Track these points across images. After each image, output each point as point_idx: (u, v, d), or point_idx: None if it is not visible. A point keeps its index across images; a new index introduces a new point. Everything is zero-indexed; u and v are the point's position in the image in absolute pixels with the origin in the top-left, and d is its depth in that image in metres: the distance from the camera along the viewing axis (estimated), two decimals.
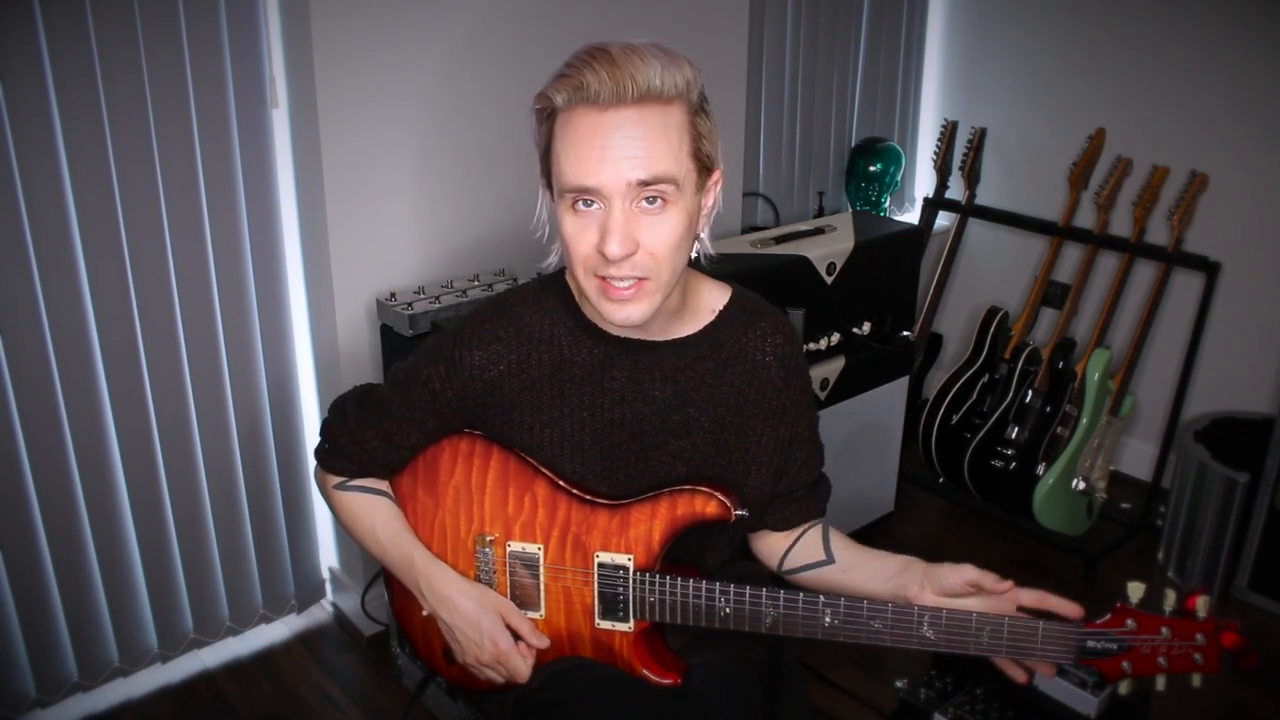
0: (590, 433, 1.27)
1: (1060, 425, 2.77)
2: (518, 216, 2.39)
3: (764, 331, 1.31)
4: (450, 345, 1.27)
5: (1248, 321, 2.91)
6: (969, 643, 1.17)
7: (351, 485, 1.36)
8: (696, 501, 1.24)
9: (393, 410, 1.31)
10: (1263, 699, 2.30)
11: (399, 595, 1.42)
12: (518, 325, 1.26)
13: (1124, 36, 3.01)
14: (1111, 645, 1.15)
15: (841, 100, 3.31)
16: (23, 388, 1.95)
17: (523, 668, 1.28)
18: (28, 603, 2.07)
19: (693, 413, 1.28)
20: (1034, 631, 1.16)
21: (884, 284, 2.66)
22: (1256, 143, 2.81)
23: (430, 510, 1.34)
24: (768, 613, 1.22)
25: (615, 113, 1.08)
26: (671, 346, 1.27)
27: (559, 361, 1.26)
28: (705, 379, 1.28)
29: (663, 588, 1.25)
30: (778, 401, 1.32)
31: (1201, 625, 1.13)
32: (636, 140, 1.08)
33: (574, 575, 1.29)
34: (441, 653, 1.39)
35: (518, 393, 1.27)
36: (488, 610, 1.28)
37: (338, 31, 2.02)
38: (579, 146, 1.09)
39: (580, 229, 1.12)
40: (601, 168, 1.08)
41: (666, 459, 1.29)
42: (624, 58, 1.07)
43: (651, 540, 1.25)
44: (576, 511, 1.28)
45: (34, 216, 1.87)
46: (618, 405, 1.27)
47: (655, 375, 1.27)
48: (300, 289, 2.30)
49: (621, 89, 1.07)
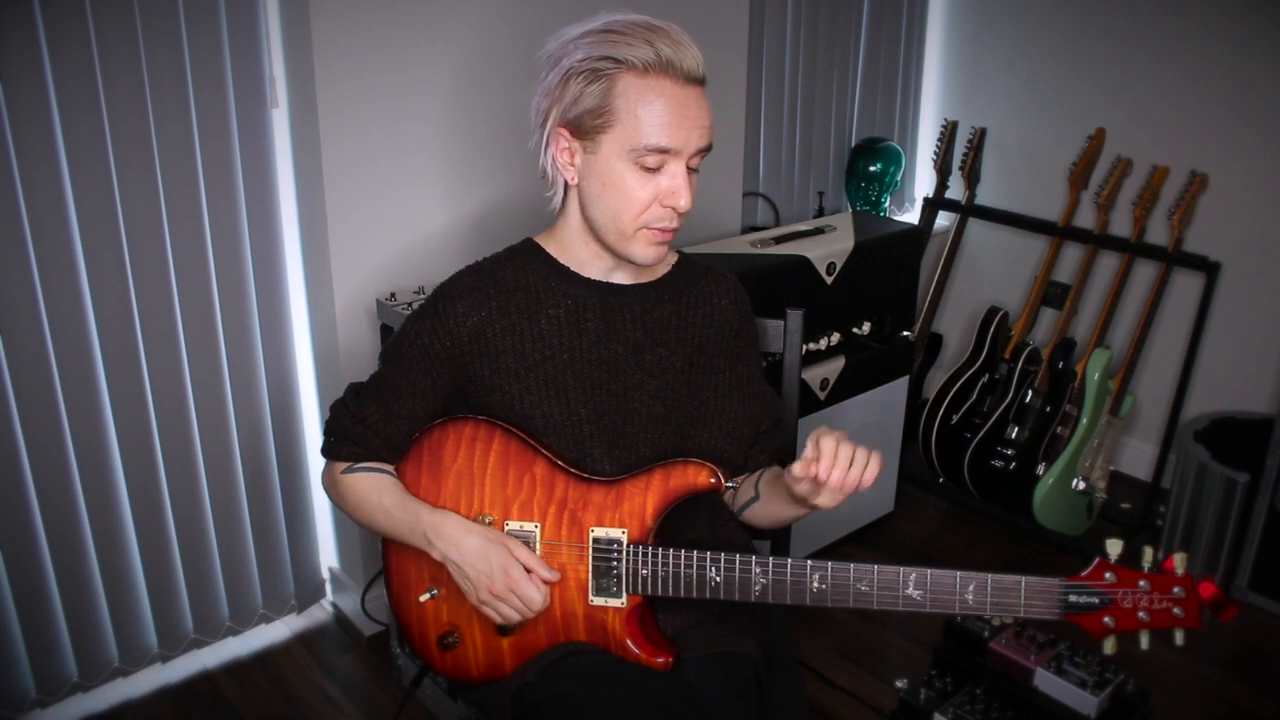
0: (573, 373, 1.35)
1: (1060, 425, 2.77)
2: (518, 216, 2.39)
3: (717, 280, 1.48)
4: (433, 301, 1.37)
5: (1248, 321, 2.91)
6: (954, 601, 1.22)
7: (357, 468, 1.41)
8: (689, 472, 1.30)
9: (387, 381, 1.39)
10: (1264, 699, 2.30)
11: (396, 583, 1.44)
12: (494, 277, 1.37)
13: (1124, 36, 3.02)
14: (1094, 599, 1.19)
15: (841, 100, 3.32)
16: (23, 388, 1.95)
17: (535, 595, 1.29)
18: (28, 603, 2.07)
19: (664, 353, 1.40)
20: (1016, 587, 1.21)
21: (884, 284, 2.66)
22: (1256, 143, 2.81)
23: (433, 494, 1.38)
24: (757, 580, 1.27)
25: (692, 88, 1.26)
26: (638, 290, 1.40)
27: (535, 305, 1.36)
28: (670, 321, 1.41)
29: (654, 559, 1.29)
30: (735, 341, 1.47)
31: (1180, 579, 1.17)
32: (705, 114, 1.28)
33: (569, 551, 1.32)
34: (436, 642, 1.41)
35: (501, 338, 1.35)
36: (495, 543, 1.31)
37: (338, 31, 2.02)
38: (665, 112, 1.24)
39: (642, 183, 1.27)
40: (683, 133, 1.25)
41: (646, 399, 1.38)
42: (683, 39, 1.25)
43: (645, 514, 1.30)
44: (573, 489, 1.33)
45: (34, 216, 1.87)
46: (595, 346, 1.37)
47: (626, 316, 1.38)
48: (300, 289, 2.30)
49: (694, 67, 1.26)
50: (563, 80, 1.27)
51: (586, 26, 1.28)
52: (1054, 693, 2.01)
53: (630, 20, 1.26)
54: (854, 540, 2.85)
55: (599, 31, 1.26)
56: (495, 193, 2.36)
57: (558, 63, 1.28)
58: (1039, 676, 2.03)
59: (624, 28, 1.25)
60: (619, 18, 1.27)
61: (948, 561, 2.80)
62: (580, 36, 1.27)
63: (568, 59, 1.26)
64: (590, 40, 1.25)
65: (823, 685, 2.31)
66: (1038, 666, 2.03)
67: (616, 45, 1.24)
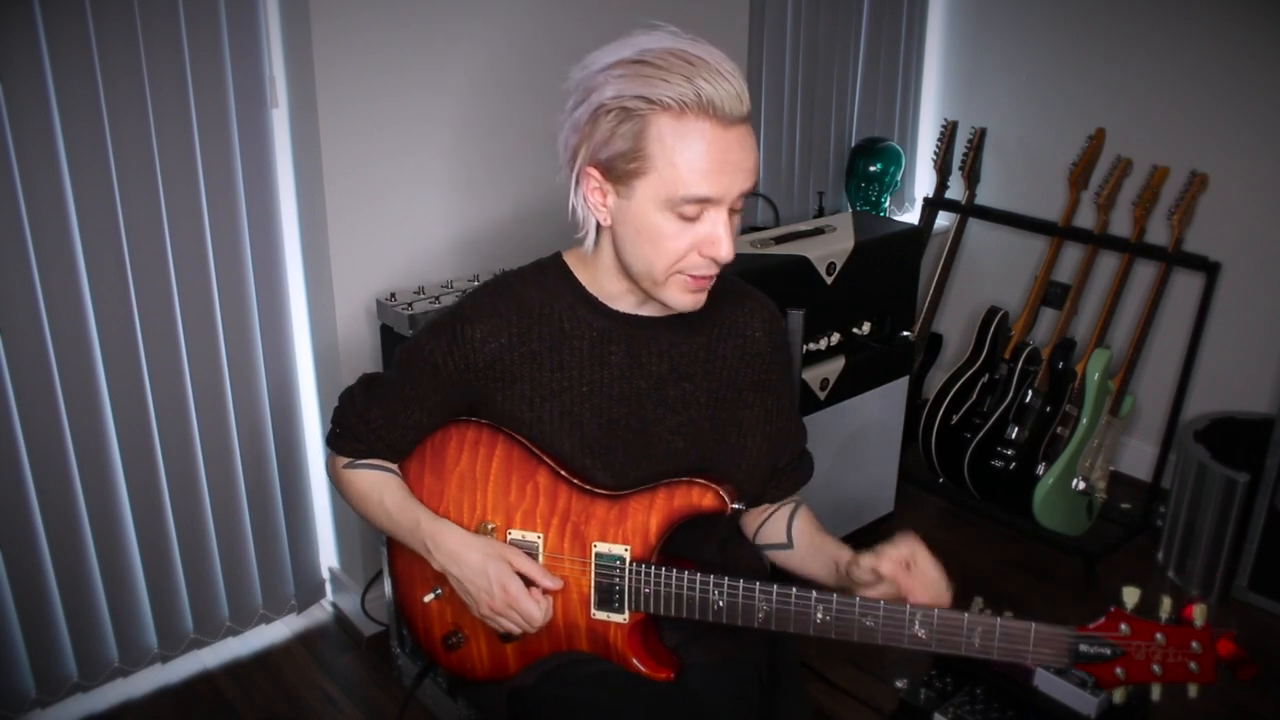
0: (590, 407, 1.30)
1: (1060, 425, 2.77)
2: (518, 216, 2.39)
3: (752, 308, 1.39)
4: (452, 320, 1.30)
5: (1248, 321, 2.91)
6: (960, 643, 1.17)
7: (360, 464, 1.40)
8: (694, 493, 1.26)
9: (397, 389, 1.35)
10: (1264, 700, 2.30)
11: (402, 581, 1.44)
12: (518, 300, 1.30)
13: (1124, 36, 3.02)
14: (1105, 650, 1.13)
15: (841, 100, 3.31)
16: (23, 388, 1.95)
17: (534, 610, 1.27)
18: (28, 603, 2.07)
19: (689, 387, 1.33)
20: (1026, 633, 1.15)
21: (884, 284, 2.66)
22: (1256, 143, 2.81)
23: (436, 496, 1.37)
24: (760, 607, 1.23)
25: (736, 129, 1.15)
26: (667, 323, 1.32)
27: (559, 334, 1.29)
28: (699, 354, 1.34)
29: (658, 579, 1.26)
30: (766, 374, 1.39)
31: (1197, 633, 1.11)
32: (749, 155, 1.17)
33: (571, 564, 1.30)
34: (441, 641, 1.40)
35: (518, 365, 1.29)
36: (494, 558, 1.28)
37: (338, 31, 2.02)
38: (705, 159, 1.14)
39: (679, 231, 1.18)
40: (725, 180, 1.15)
41: (665, 434, 1.32)
42: (724, 68, 1.13)
43: (649, 531, 1.27)
44: (576, 501, 1.29)
45: (34, 216, 1.87)
46: (617, 381, 1.30)
47: (652, 350, 1.31)
48: (300, 289, 2.29)
49: (737, 105, 1.14)
50: (592, 117, 1.16)
51: (617, 55, 1.15)
52: (1054, 693, 2.01)
53: (666, 49, 1.13)
54: (854, 540, 2.82)
55: (631, 62, 1.13)
56: (495, 192, 2.36)
57: (587, 96, 1.16)
58: (1039, 677, 2.03)
59: (658, 59, 1.12)
60: (653, 45, 1.14)
61: (947, 561, 2.80)
62: (610, 67, 1.15)
63: (598, 94, 1.15)
64: (621, 73, 1.13)
65: (823, 685, 2.31)
66: (1038, 667, 2.03)
67: (651, 82, 1.12)
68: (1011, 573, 2.76)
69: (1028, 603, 2.60)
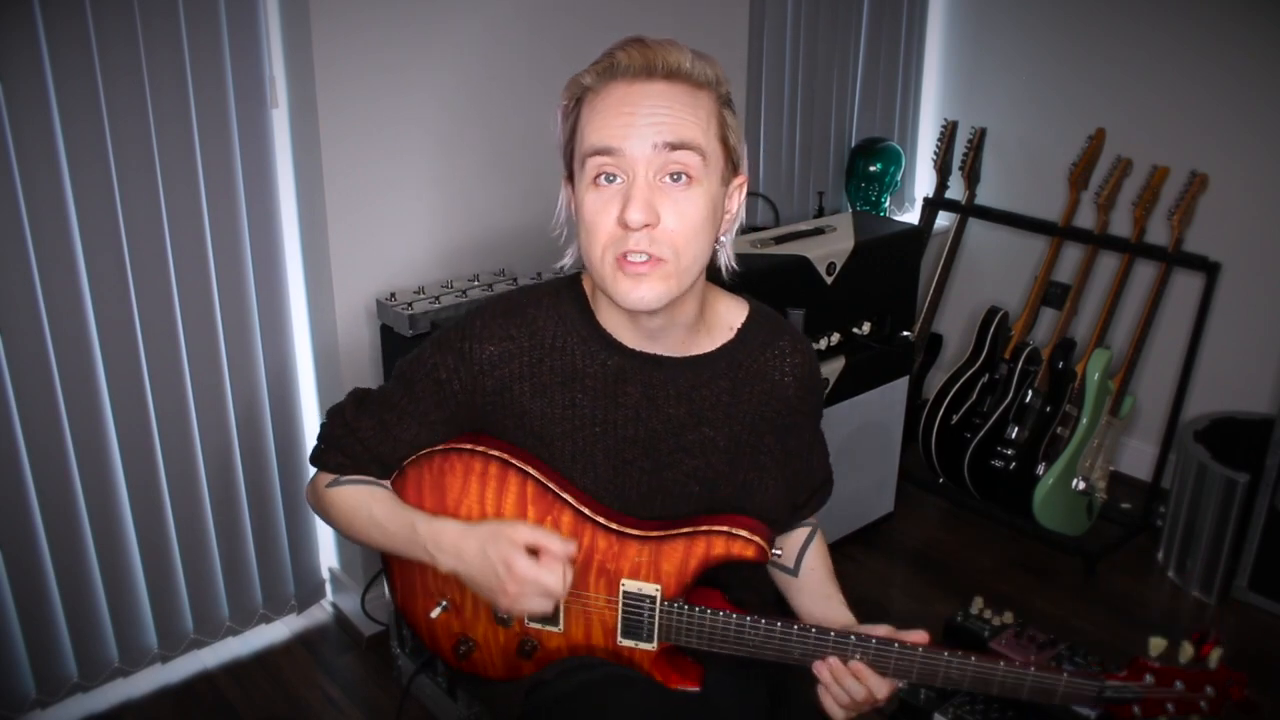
0: (602, 448, 1.24)
1: (1060, 425, 2.77)
2: (518, 216, 2.39)
3: (783, 351, 1.30)
4: (459, 337, 1.23)
5: (1248, 321, 2.91)
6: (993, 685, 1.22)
7: (345, 481, 1.30)
8: (735, 546, 1.22)
9: (393, 402, 1.27)
10: (1264, 700, 2.30)
11: (403, 595, 1.38)
12: (530, 327, 1.22)
13: (1124, 36, 3.02)
14: (1127, 695, 1.21)
15: (841, 100, 3.31)
16: (23, 388, 1.95)
17: (550, 579, 1.16)
18: (28, 603, 2.07)
19: (708, 432, 1.26)
20: (1057, 684, 1.20)
21: (884, 284, 2.66)
22: (1256, 143, 2.81)
23: None
24: (795, 647, 1.22)
25: (644, 84, 1.08)
26: (687, 363, 1.25)
27: (571, 371, 1.22)
28: (721, 398, 1.26)
29: (690, 616, 1.23)
30: (791, 418, 1.32)
31: (1212, 676, 1.20)
32: (664, 107, 1.08)
33: (596, 599, 1.26)
34: (451, 651, 1.36)
35: (529, 399, 1.22)
36: (490, 539, 1.18)
37: (338, 31, 2.02)
38: (605, 114, 1.09)
39: (602, 204, 1.09)
40: (627, 131, 1.07)
41: (680, 478, 1.27)
42: (655, 42, 1.09)
43: (685, 574, 1.23)
44: (603, 539, 1.24)
45: (34, 216, 1.87)
46: (631, 422, 1.24)
47: (670, 392, 1.24)
48: (300, 289, 2.29)
49: (651, 64, 1.08)
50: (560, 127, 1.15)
51: None
52: None
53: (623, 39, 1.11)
54: (855, 540, 2.85)
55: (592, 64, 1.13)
56: (496, 193, 2.36)
57: None
58: None
59: (612, 47, 1.11)
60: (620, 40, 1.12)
61: (948, 561, 2.81)
62: None
63: None
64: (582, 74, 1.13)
65: None
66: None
67: (588, 70, 1.11)
68: (1011, 573, 2.75)
69: (1028, 603, 2.60)
